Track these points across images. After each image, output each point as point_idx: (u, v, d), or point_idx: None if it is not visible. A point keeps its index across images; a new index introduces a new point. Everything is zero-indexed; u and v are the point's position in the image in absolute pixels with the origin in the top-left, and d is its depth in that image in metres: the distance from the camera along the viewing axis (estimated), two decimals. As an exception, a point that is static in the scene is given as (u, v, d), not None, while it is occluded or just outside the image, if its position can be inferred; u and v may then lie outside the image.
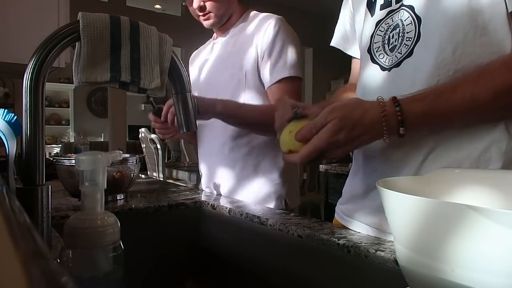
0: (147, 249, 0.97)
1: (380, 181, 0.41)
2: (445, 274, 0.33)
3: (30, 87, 0.52)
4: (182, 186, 1.37)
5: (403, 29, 0.68)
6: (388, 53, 0.71)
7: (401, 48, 0.67)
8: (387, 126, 0.60)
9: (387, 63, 0.70)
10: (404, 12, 0.68)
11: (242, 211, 0.91)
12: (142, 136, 4.21)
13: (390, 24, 0.71)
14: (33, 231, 0.27)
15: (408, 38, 0.67)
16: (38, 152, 0.53)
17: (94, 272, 0.44)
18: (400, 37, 0.68)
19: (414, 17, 0.66)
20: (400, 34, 0.68)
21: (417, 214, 0.34)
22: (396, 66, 0.68)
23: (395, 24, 0.70)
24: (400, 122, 0.60)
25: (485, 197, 0.44)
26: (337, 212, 0.88)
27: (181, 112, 0.65)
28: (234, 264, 0.93)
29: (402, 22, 0.68)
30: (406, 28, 0.67)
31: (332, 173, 2.84)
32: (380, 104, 0.61)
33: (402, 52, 0.67)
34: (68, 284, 0.17)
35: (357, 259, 0.64)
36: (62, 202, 1.00)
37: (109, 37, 0.56)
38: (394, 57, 0.69)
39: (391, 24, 0.71)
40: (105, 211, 0.46)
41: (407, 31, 0.67)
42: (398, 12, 0.70)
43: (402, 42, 0.68)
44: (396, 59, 0.68)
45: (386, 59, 0.71)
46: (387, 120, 0.60)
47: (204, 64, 1.34)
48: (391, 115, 0.60)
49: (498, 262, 0.30)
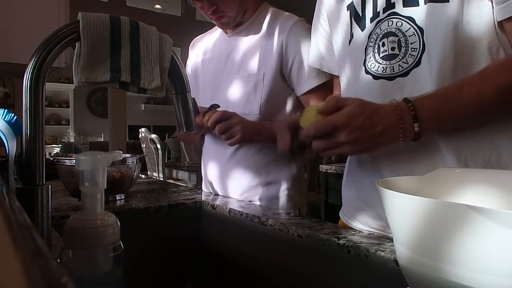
0: (147, 249, 0.97)
1: (380, 181, 0.41)
2: (445, 274, 0.33)
3: (30, 87, 0.52)
4: (182, 186, 1.37)
5: (406, 40, 0.68)
6: (379, 61, 0.71)
7: (407, 58, 0.68)
8: (402, 122, 0.61)
9: (380, 72, 0.71)
10: (403, 23, 0.69)
11: (242, 211, 0.91)
12: (142, 136, 4.21)
13: (378, 33, 0.72)
14: (33, 231, 0.27)
15: (413, 48, 0.68)
16: (38, 152, 0.53)
17: (94, 272, 0.44)
18: (404, 47, 0.68)
19: (416, 28, 0.67)
20: (402, 44, 0.69)
21: (417, 214, 0.34)
22: (403, 76, 0.68)
23: (384, 32, 0.71)
24: (414, 118, 0.61)
25: (486, 197, 0.44)
26: (342, 212, 0.89)
27: (181, 112, 0.65)
28: (234, 264, 0.93)
29: (402, 32, 0.69)
30: (409, 39, 0.68)
31: (332, 173, 2.84)
32: (394, 104, 0.63)
33: (409, 62, 0.68)
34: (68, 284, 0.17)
35: (357, 259, 0.64)
36: (62, 202, 1.00)
37: (109, 37, 0.56)
38: (397, 67, 0.69)
39: (380, 33, 0.72)
40: (105, 211, 0.46)
41: (411, 41, 0.68)
42: (386, 20, 0.71)
43: (407, 53, 0.68)
44: (401, 68, 0.69)
45: (378, 68, 0.71)
46: (401, 115, 0.61)
47: (211, 59, 1.27)
48: (405, 111, 0.61)
49: (499, 262, 0.30)
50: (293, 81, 1.12)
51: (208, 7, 1.11)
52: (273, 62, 1.11)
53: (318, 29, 0.93)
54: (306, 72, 1.09)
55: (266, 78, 1.12)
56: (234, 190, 1.20)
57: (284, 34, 1.11)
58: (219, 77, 1.22)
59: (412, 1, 0.68)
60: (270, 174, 1.17)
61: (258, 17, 1.18)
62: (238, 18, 1.16)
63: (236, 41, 1.20)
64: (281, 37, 1.11)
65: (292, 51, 1.10)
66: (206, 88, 1.27)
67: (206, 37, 1.34)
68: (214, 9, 1.11)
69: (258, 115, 1.13)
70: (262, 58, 1.13)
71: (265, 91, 1.12)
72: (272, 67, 1.11)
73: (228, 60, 1.21)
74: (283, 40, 1.10)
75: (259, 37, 1.16)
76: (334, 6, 0.85)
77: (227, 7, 1.11)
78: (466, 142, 0.66)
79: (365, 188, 0.79)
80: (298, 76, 1.11)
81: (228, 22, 1.15)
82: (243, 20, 1.19)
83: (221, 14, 1.12)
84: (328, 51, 0.92)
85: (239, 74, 1.17)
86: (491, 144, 0.65)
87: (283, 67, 1.12)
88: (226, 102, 1.16)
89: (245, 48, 1.18)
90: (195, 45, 1.38)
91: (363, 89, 0.74)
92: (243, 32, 1.19)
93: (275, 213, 0.89)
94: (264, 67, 1.12)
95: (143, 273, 0.97)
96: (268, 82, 1.12)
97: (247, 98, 1.14)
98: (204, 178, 1.34)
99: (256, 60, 1.14)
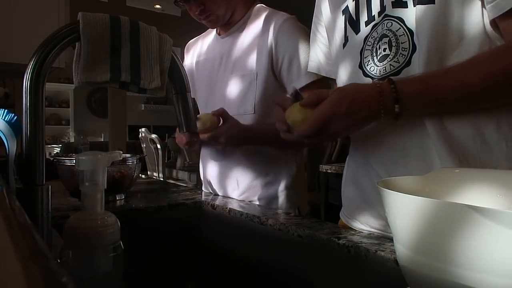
0: (147, 249, 0.97)
1: (380, 181, 0.41)
2: (445, 274, 0.33)
3: (30, 87, 0.52)
4: (182, 186, 1.37)
5: (396, 39, 0.69)
6: (377, 64, 0.72)
7: (398, 57, 0.69)
8: (383, 102, 0.63)
9: (378, 74, 0.72)
10: (393, 23, 0.70)
11: (242, 211, 0.91)
12: (142, 136, 4.21)
13: (375, 36, 0.73)
14: (33, 231, 0.27)
15: (404, 48, 0.69)
16: (38, 152, 0.53)
17: (94, 272, 0.44)
18: (394, 47, 0.69)
19: (406, 29, 0.68)
20: (393, 44, 0.70)
21: (417, 214, 0.34)
22: (395, 75, 0.69)
23: (380, 35, 0.72)
24: (395, 99, 0.63)
25: (486, 197, 0.44)
26: (342, 213, 0.89)
27: (181, 112, 0.65)
28: (234, 264, 0.93)
29: (392, 32, 0.70)
30: (400, 38, 0.69)
31: (332, 173, 2.84)
32: (376, 84, 0.65)
33: (400, 62, 0.69)
34: (68, 284, 0.17)
35: (357, 259, 0.64)
36: (62, 202, 1.00)
37: (109, 37, 0.56)
38: (389, 66, 0.70)
39: (376, 37, 0.73)
40: (105, 211, 0.46)
41: (402, 41, 0.69)
42: (382, 23, 0.72)
43: (398, 52, 0.69)
44: (392, 67, 0.70)
45: (377, 71, 0.72)
46: (382, 96, 0.63)
47: (205, 60, 1.28)
48: (386, 92, 0.63)
49: (499, 262, 0.30)
50: (283, 79, 1.12)
51: (195, 8, 1.11)
52: (265, 61, 1.11)
53: (316, 35, 0.95)
54: (296, 71, 1.09)
55: (259, 77, 1.12)
56: (233, 190, 1.20)
57: (274, 32, 1.10)
58: (214, 78, 1.23)
59: (401, 2, 0.69)
60: (269, 175, 1.17)
61: (251, 16, 1.18)
62: (227, 16, 1.16)
63: (229, 41, 1.20)
64: (271, 35, 1.11)
65: (282, 49, 1.10)
66: (202, 90, 1.28)
67: (200, 39, 1.35)
68: (201, 9, 1.11)
69: (253, 114, 1.12)
70: (255, 58, 1.13)
71: (258, 91, 1.12)
72: (265, 66, 1.11)
73: (222, 61, 1.21)
74: (273, 38, 1.10)
75: (252, 36, 1.15)
76: (331, 11, 0.86)
77: (215, 5, 1.11)
78: (458, 140, 0.66)
79: (365, 187, 0.79)
80: (288, 74, 1.11)
81: (217, 20, 1.15)
82: (234, 20, 1.19)
83: (208, 13, 1.12)
84: (326, 56, 0.93)
85: (233, 74, 1.17)
86: (483, 143, 0.65)
87: (274, 65, 1.11)
88: (221, 102, 1.16)
89: (238, 48, 1.18)
90: (189, 48, 1.38)
91: None
92: (236, 33, 1.19)
93: (275, 213, 0.89)
94: (257, 67, 1.12)
95: (143, 273, 0.97)
96: (262, 81, 1.12)
97: (242, 98, 1.14)
98: (203, 178, 1.34)
99: (249, 60, 1.14)
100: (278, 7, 1.19)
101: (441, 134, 0.66)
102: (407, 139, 0.69)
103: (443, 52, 0.65)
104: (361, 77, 0.75)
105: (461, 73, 0.62)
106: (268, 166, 1.17)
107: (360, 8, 0.76)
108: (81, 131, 7.57)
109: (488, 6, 0.62)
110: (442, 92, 0.63)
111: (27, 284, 0.15)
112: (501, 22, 0.62)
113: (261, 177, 1.17)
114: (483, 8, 0.63)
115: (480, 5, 0.63)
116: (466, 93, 0.62)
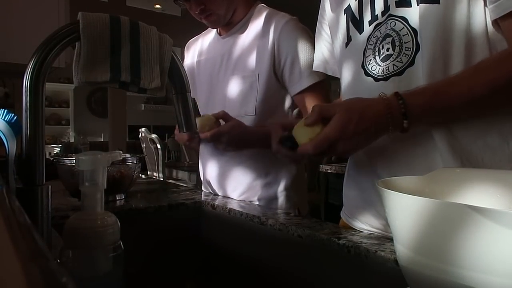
0: (147, 249, 0.97)
1: (380, 181, 0.41)
2: (445, 274, 0.32)
3: (30, 87, 0.52)
4: (182, 186, 1.37)
5: (400, 39, 0.69)
6: (380, 64, 0.72)
7: (401, 57, 0.69)
8: (392, 119, 0.62)
9: (380, 74, 0.72)
10: (396, 23, 0.70)
11: (242, 211, 0.91)
12: (142, 136, 4.21)
13: (378, 36, 0.73)
14: (33, 231, 0.27)
15: (407, 48, 0.68)
16: (38, 152, 0.53)
17: (94, 272, 0.44)
18: (398, 47, 0.69)
19: (410, 29, 0.68)
20: (396, 43, 0.69)
21: (417, 214, 0.34)
22: (398, 75, 0.69)
23: (384, 34, 0.71)
24: (404, 115, 0.62)
25: (486, 197, 0.44)
26: (343, 212, 0.89)
27: (181, 112, 0.65)
28: (234, 264, 0.93)
29: (396, 32, 0.70)
30: (403, 38, 0.69)
31: (332, 173, 2.84)
32: (384, 99, 0.63)
33: (404, 61, 0.68)
34: (68, 284, 0.17)
35: (357, 259, 0.63)
36: (62, 202, 1.00)
37: (109, 37, 0.56)
38: (392, 66, 0.70)
39: (379, 36, 0.72)
40: (105, 211, 0.46)
41: (405, 41, 0.68)
42: (385, 23, 0.72)
43: (401, 52, 0.69)
44: (395, 67, 0.69)
45: (379, 70, 0.72)
46: (391, 113, 0.62)
47: (206, 60, 1.27)
48: (394, 108, 0.62)
49: (499, 262, 0.30)
50: (285, 81, 1.11)
51: (196, 7, 1.10)
52: (266, 62, 1.10)
53: (321, 33, 0.94)
54: (298, 72, 1.08)
55: (260, 79, 1.11)
56: (233, 190, 1.19)
57: (276, 33, 1.09)
58: (215, 79, 1.22)
59: (404, 1, 0.69)
60: (269, 175, 1.17)
61: (252, 17, 1.17)
62: (228, 16, 1.15)
63: (230, 42, 1.19)
64: (273, 36, 1.10)
65: (284, 51, 1.09)
66: (202, 90, 1.27)
67: (201, 38, 1.34)
68: (202, 8, 1.10)
69: (254, 116, 1.12)
70: (257, 59, 1.12)
71: (260, 92, 1.11)
72: (266, 68, 1.10)
73: (223, 61, 1.20)
74: (275, 40, 1.09)
75: (253, 37, 1.15)
76: (333, 10, 0.86)
77: (215, 5, 1.10)
78: (461, 142, 0.66)
79: (366, 187, 0.79)
80: (290, 76, 1.10)
81: (218, 20, 1.14)
82: (235, 20, 1.18)
83: (209, 12, 1.11)
84: (331, 54, 0.92)
85: (234, 75, 1.16)
86: (485, 144, 0.65)
87: (276, 67, 1.10)
88: (222, 103, 1.15)
89: (239, 49, 1.17)
90: (190, 47, 1.37)
91: (364, 91, 0.74)
92: (237, 33, 1.18)
93: (275, 213, 0.89)
94: (259, 68, 1.11)
95: (143, 273, 0.97)
96: (263, 83, 1.11)
97: (243, 99, 1.13)
98: (203, 179, 1.33)
99: (251, 61, 1.13)
100: (279, 7, 1.19)
101: (445, 136, 0.66)
102: (410, 141, 0.69)
103: (447, 52, 0.65)
104: (362, 76, 0.75)
105: (466, 83, 0.61)
106: (268, 167, 1.16)
107: (364, 7, 0.76)
108: (81, 131, 7.57)
109: (490, 6, 0.62)
110: (449, 103, 0.62)
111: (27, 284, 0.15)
112: (504, 22, 0.62)
113: (261, 178, 1.16)
114: (485, 7, 0.63)
115: (483, 5, 0.63)
116: (472, 102, 0.62)
